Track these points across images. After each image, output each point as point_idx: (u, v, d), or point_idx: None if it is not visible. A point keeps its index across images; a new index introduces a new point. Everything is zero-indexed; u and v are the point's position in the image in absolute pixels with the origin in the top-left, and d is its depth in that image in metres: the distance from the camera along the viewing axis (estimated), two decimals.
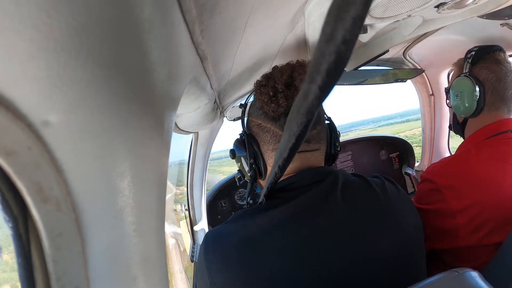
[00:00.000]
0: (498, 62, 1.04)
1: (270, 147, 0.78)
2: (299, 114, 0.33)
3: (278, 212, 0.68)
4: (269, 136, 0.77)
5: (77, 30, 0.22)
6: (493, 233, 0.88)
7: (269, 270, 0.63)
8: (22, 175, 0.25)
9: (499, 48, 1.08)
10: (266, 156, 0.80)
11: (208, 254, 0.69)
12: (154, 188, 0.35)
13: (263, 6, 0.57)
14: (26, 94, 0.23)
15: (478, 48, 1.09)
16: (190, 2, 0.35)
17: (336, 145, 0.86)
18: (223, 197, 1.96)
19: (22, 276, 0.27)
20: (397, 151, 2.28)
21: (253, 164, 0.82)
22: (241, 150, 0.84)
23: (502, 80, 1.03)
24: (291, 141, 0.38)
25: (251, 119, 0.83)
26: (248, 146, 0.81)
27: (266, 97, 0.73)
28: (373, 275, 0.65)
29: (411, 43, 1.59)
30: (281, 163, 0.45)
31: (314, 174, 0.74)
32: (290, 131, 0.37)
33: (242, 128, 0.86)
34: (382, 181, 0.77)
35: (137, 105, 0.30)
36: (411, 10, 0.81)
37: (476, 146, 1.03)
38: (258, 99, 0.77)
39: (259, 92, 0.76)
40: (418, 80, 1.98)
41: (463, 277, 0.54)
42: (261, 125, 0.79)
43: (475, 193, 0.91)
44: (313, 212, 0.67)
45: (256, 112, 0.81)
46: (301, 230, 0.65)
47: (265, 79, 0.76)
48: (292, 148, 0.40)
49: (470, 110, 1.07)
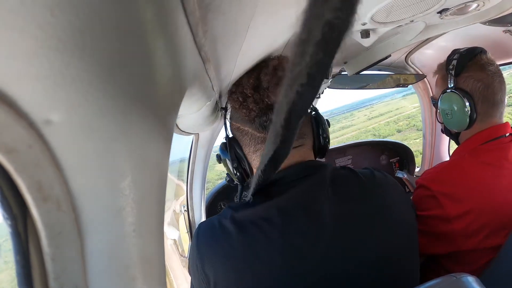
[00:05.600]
0: (482, 68, 1.00)
1: (251, 149, 0.80)
2: (273, 135, 0.34)
3: (268, 205, 0.69)
4: (248, 138, 0.79)
5: (81, 30, 0.22)
6: (490, 237, 0.89)
7: (259, 263, 0.64)
8: (23, 173, 0.25)
9: (480, 50, 1.03)
10: (249, 158, 0.81)
11: (199, 245, 0.70)
12: (154, 188, 0.35)
13: (266, 7, 0.57)
14: (28, 92, 0.23)
15: (459, 55, 1.04)
16: (194, 4, 0.35)
17: (324, 137, 0.84)
18: (223, 198, 1.96)
19: (20, 274, 0.27)
20: (397, 156, 2.28)
21: (237, 167, 0.83)
22: (226, 153, 0.85)
23: (490, 86, 0.99)
24: (270, 152, 0.39)
25: (231, 122, 0.85)
26: (230, 150, 0.83)
27: (237, 103, 0.75)
28: (364, 269, 0.64)
29: (413, 48, 1.59)
30: (262, 168, 0.46)
31: (303, 168, 0.75)
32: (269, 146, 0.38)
33: (225, 132, 0.88)
34: (371, 172, 0.77)
35: (139, 106, 0.30)
36: (414, 15, 0.81)
37: (471, 152, 1.03)
38: (231, 105, 0.80)
39: (231, 99, 0.78)
40: (419, 85, 1.98)
41: (460, 282, 0.54)
42: (240, 128, 0.80)
43: (471, 199, 0.91)
44: (302, 206, 0.68)
45: (234, 115, 0.83)
46: (290, 224, 0.65)
47: (234, 86, 0.78)
48: (271, 158, 0.41)
49: (463, 125, 1.04)
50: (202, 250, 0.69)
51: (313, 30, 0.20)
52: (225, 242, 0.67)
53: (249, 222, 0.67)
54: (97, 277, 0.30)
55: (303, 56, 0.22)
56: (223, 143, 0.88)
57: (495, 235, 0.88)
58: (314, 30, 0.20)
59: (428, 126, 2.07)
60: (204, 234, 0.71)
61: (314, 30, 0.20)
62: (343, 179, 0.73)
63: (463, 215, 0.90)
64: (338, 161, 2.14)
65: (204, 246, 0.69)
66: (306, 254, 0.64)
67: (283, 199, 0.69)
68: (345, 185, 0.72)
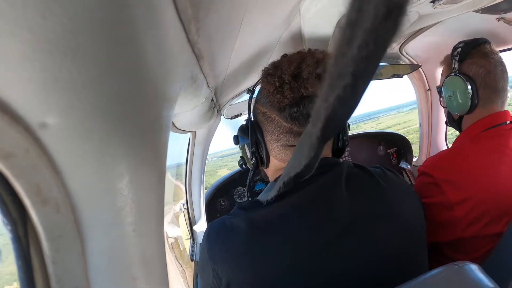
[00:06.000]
0: (485, 55, 1.04)
1: (273, 137, 0.76)
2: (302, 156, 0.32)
3: (282, 204, 0.68)
4: (273, 126, 0.75)
5: (72, 32, 0.22)
6: (491, 224, 0.89)
7: (272, 263, 0.63)
8: (21, 177, 0.25)
9: (484, 40, 1.07)
10: (269, 145, 0.79)
11: (211, 245, 0.68)
12: (153, 187, 0.35)
13: (259, 4, 0.57)
14: (22, 96, 0.23)
15: (464, 44, 1.08)
16: (186, 1, 0.35)
17: (344, 139, 0.83)
18: (222, 195, 1.97)
19: (22, 279, 0.27)
20: (394, 146, 2.29)
21: (255, 152, 0.80)
22: (244, 137, 0.83)
23: (492, 73, 1.02)
24: (300, 167, 0.37)
25: (257, 106, 0.81)
26: (251, 134, 0.80)
27: (272, 87, 0.71)
28: (376, 267, 0.65)
29: (407, 38, 1.59)
30: (286, 180, 0.44)
31: (319, 165, 0.73)
32: (298, 158, 0.35)
33: (248, 115, 0.84)
34: (383, 171, 0.77)
35: (134, 105, 0.30)
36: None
37: (472, 139, 1.03)
38: (264, 88, 0.75)
39: (266, 81, 0.73)
40: (414, 75, 1.98)
41: (463, 270, 0.54)
42: (266, 113, 0.76)
43: (472, 186, 0.91)
44: (316, 204, 0.67)
45: (262, 99, 0.78)
46: (304, 222, 0.65)
47: (272, 67, 0.74)
48: (298, 173, 0.39)
49: (465, 108, 1.06)
50: (214, 250, 0.67)
51: (366, 11, 0.16)
52: (238, 241, 0.65)
53: (263, 221, 0.66)
54: (98, 278, 0.31)
55: (349, 46, 0.18)
56: (244, 125, 0.84)
57: (496, 223, 0.89)
58: (367, 10, 0.16)
59: (425, 117, 2.07)
60: (215, 234, 0.69)
61: (367, 11, 0.16)
62: (357, 178, 0.72)
63: (464, 201, 0.91)
64: None
65: (215, 246, 0.68)
66: (319, 252, 0.63)
67: (297, 197, 0.68)
68: (359, 183, 0.71)
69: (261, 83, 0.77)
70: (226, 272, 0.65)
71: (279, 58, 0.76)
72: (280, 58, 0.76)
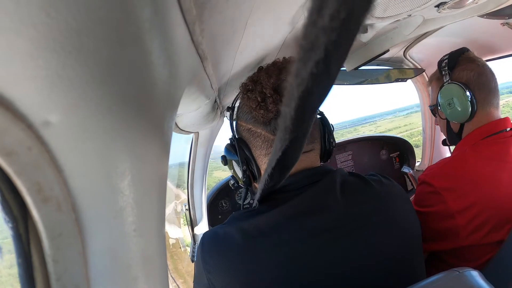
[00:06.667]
0: (472, 60, 1.08)
1: (262, 152, 0.76)
2: (282, 131, 0.30)
3: (274, 213, 0.67)
4: (261, 141, 0.75)
5: (77, 30, 0.22)
6: (494, 232, 0.89)
7: (267, 272, 0.63)
8: (22, 175, 0.25)
9: (466, 49, 1.13)
10: (259, 160, 0.78)
11: (205, 256, 0.68)
12: (154, 188, 0.35)
13: (264, 5, 0.57)
14: (26, 94, 0.23)
15: (448, 55, 1.12)
16: (190, 2, 0.35)
17: (330, 141, 0.82)
18: (224, 197, 1.96)
19: (22, 276, 0.27)
20: (397, 151, 2.28)
21: (246, 170, 0.79)
22: (233, 155, 0.81)
23: (483, 74, 1.05)
24: (278, 154, 0.35)
25: (240, 123, 0.80)
26: (240, 152, 0.78)
27: (254, 103, 0.71)
28: (373, 275, 0.64)
29: (412, 42, 1.59)
30: (269, 172, 0.43)
31: (311, 175, 0.72)
32: (277, 145, 0.34)
33: (232, 133, 0.83)
34: (379, 179, 0.76)
35: (137, 105, 0.30)
36: (412, 9, 0.81)
37: (472, 147, 1.03)
38: (245, 104, 0.74)
39: (246, 97, 0.73)
40: (418, 79, 1.98)
41: (463, 277, 0.54)
42: (251, 129, 0.76)
43: (474, 194, 0.91)
44: (309, 213, 0.67)
45: (245, 116, 0.77)
46: (297, 231, 0.65)
47: (251, 82, 0.73)
48: (279, 159, 0.37)
49: (467, 113, 1.06)
50: (207, 260, 0.67)
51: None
52: (232, 251, 0.65)
53: (256, 231, 0.66)
54: (98, 277, 0.30)
55: (320, 15, 0.18)
56: (229, 144, 0.83)
57: (498, 230, 0.88)
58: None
59: (428, 121, 2.07)
60: (209, 244, 0.69)
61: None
62: (352, 185, 0.72)
63: (466, 209, 0.90)
64: (338, 157, 2.14)
65: (209, 257, 0.68)
66: (313, 259, 0.63)
67: (290, 206, 0.67)
68: (354, 191, 0.71)
69: (241, 99, 0.77)
70: (221, 282, 0.65)
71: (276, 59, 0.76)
72: (256, 72, 0.75)
